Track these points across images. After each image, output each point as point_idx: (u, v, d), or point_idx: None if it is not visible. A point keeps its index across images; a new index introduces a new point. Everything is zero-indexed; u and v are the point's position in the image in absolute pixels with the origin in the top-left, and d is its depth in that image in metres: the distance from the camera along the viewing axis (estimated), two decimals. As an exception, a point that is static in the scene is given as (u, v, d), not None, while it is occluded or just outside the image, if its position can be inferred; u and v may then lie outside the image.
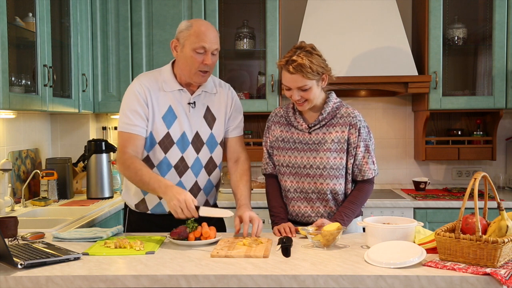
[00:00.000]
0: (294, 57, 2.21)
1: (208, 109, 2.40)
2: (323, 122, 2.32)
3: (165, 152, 2.34)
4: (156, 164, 2.35)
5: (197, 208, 2.09)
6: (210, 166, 2.43)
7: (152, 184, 2.16)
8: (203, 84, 2.37)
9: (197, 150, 2.38)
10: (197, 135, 2.37)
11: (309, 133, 2.34)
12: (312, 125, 2.33)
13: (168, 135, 2.33)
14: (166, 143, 2.33)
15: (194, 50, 2.25)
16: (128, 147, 2.27)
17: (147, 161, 2.34)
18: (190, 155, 2.36)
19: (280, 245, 2.01)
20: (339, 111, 2.33)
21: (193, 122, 2.36)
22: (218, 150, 2.44)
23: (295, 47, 2.27)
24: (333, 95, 2.37)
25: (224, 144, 2.48)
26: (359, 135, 2.30)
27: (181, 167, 2.36)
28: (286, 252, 1.95)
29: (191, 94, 2.37)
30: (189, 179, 2.38)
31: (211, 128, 2.40)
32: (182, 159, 2.36)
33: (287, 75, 2.24)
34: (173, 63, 2.40)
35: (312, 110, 2.35)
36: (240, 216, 2.22)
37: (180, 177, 2.37)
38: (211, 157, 2.42)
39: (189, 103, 2.35)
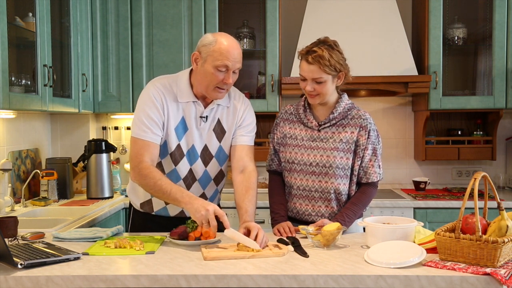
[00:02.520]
0: (315, 48, 2.22)
1: (218, 121, 2.33)
2: (334, 121, 2.32)
3: (175, 164, 2.30)
4: (166, 173, 2.31)
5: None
6: (219, 178, 2.41)
7: (174, 194, 2.08)
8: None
9: (206, 163, 2.34)
10: (205, 148, 2.33)
11: (318, 130, 2.34)
12: (322, 123, 2.33)
13: (179, 147, 2.29)
14: (177, 155, 2.29)
15: (215, 68, 2.16)
16: (145, 155, 2.19)
17: (159, 167, 2.29)
18: (198, 168, 2.33)
19: (293, 247, 1.99)
20: (351, 112, 2.34)
21: (203, 135, 2.31)
22: (228, 162, 2.42)
23: (319, 40, 2.27)
24: (346, 96, 2.37)
25: (229, 152, 2.38)
26: (368, 138, 2.30)
27: (189, 180, 2.34)
28: (302, 251, 1.94)
29: (205, 107, 2.29)
30: (196, 191, 2.34)
31: (220, 141, 2.35)
32: (190, 171, 2.33)
33: (304, 64, 2.25)
34: (190, 71, 2.31)
35: (323, 108, 2.35)
36: (246, 227, 2.06)
37: (188, 189, 2.32)
38: (221, 170, 2.39)
39: (201, 117, 2.29)
